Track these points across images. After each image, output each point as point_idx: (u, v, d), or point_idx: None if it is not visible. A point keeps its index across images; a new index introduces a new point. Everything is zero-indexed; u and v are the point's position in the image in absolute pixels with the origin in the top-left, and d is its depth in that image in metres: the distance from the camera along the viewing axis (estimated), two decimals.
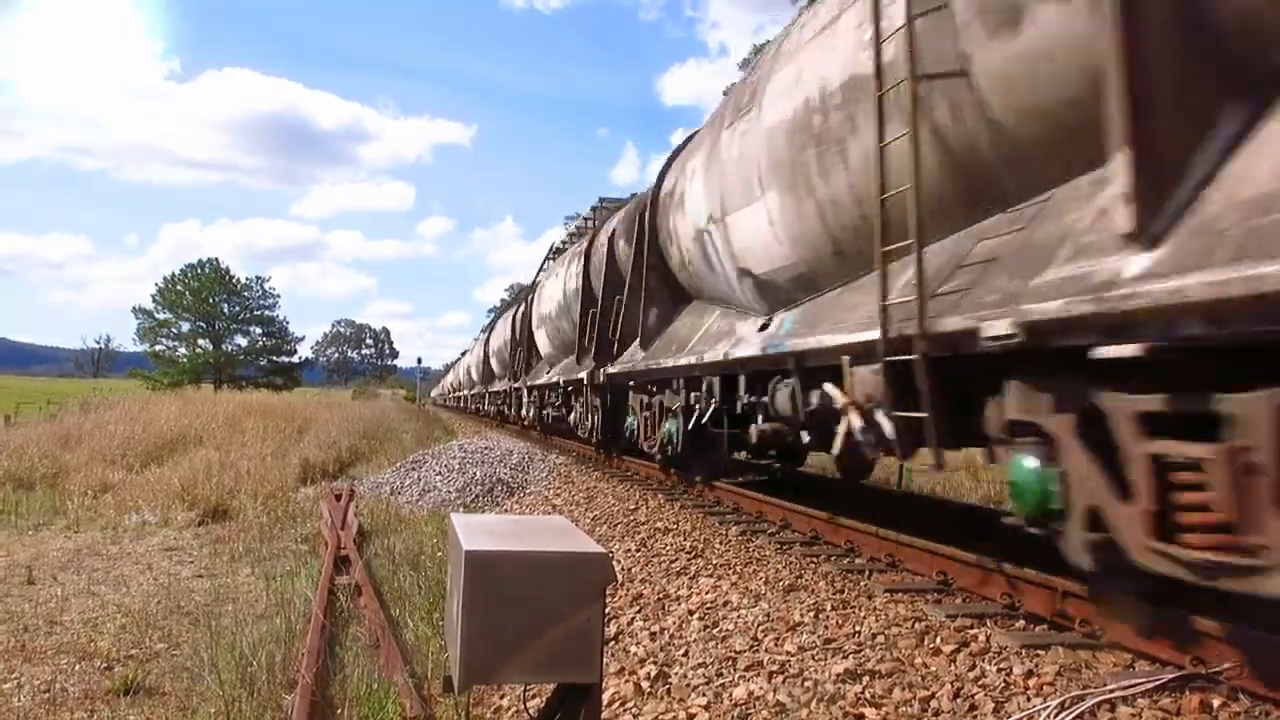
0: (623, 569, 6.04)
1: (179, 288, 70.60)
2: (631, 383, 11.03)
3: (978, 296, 4.00)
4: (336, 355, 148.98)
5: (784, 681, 3.67)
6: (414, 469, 13.65)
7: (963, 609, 4.54)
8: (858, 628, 4.32)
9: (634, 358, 10.60)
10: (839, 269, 6.04)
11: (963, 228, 4.65)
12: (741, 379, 7.53)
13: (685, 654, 4.17)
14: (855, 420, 5.12)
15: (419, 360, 77.92)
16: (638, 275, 10.72)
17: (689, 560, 6.19)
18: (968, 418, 4.23)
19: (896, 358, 4.48)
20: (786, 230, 6.46)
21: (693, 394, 8.74)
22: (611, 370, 11.47)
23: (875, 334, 4.67)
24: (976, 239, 4.44)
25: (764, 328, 7.14)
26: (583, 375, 12.85)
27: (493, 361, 29.28)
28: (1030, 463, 3.77)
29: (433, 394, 73.19)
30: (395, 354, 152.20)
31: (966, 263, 4.36)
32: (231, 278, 73.56)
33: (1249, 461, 2.81)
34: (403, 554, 7.36)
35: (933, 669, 3.70)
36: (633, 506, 9.04)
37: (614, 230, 12.44)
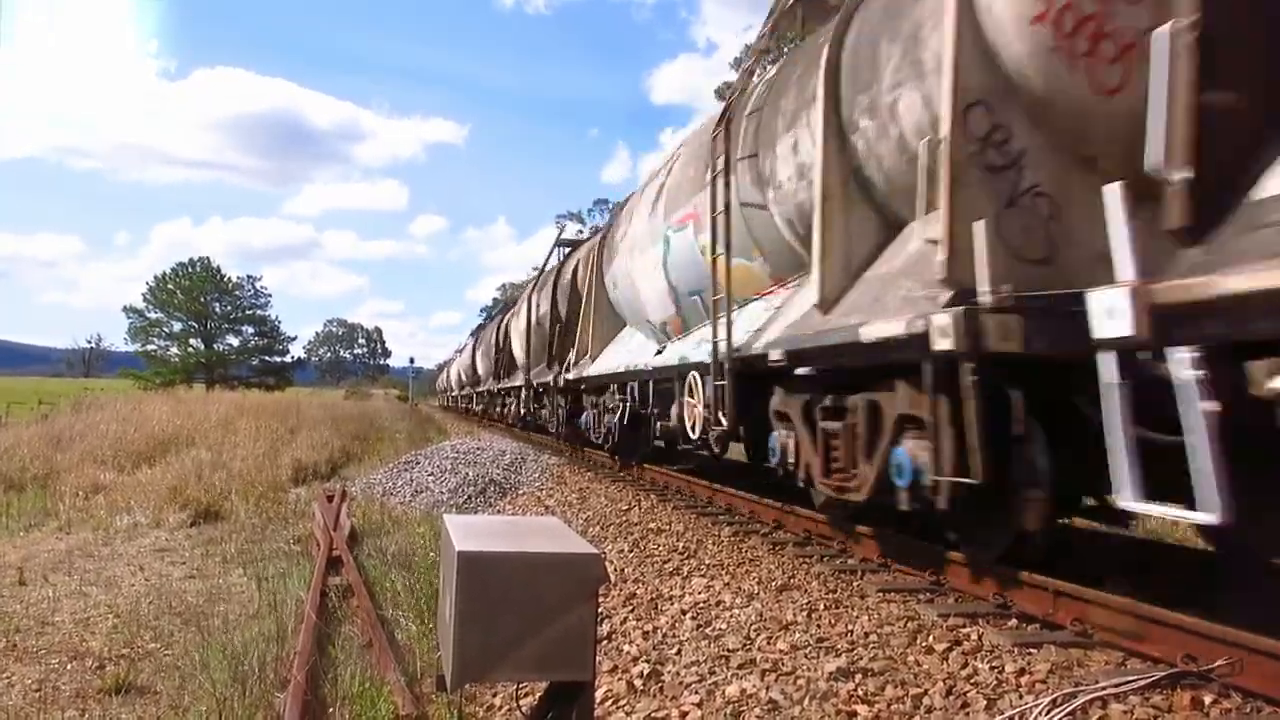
0: (616, 569, 6.05)
1: (170, 287, 70.28)
2: (583, 386, 13.63)
3: (766, 336, 6.43)
4: (329, 355, 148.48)
5: (776, 679, 3.68)
6: (406, 469, 13.58)
7: (955, 608, 4.56)
8: (850, 627, 4.33)
9: (585, 367, 13.15)
10: (703, 313, 8.39)
11: (773, 290, 7.19)
12: (650, 385, 10.00)
13: (678, 652, 4.17)
14: (701, 413, 7.72)
15: (411, 360, 77.56)
16: (590, 301, 13.43)
17: (682, 560, 6.20)
18: (764, 416, 6.70)
19: (721, 372, 7.10)
20: (669, 288, 9.34)
21: (621, 397, 11.21)
22: (569, 376, 14.00)
23: (709, 357, 7.32)
24: (781, 298, 6.93)
25: (659, 352, 9.80)
26: (550, 379, 15.71)
27: (479, 367, 31.55)
28: (779, 433, 6.44)
29: (436, 385, 72.80)
30: (388, 354, 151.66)
31: (768, 312, 6.89)
32: (223, 277, 73.29)
33: (855, 431, 5.34)
34: (395, 555, 7.34)
35: (925, 667, 3.71)
36: (625, 507, 9.05)
37: (577, 262, 15.44)
